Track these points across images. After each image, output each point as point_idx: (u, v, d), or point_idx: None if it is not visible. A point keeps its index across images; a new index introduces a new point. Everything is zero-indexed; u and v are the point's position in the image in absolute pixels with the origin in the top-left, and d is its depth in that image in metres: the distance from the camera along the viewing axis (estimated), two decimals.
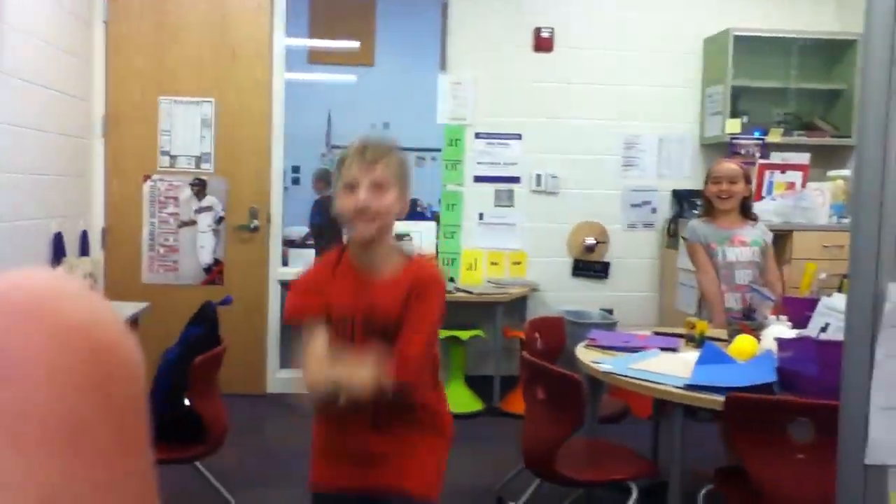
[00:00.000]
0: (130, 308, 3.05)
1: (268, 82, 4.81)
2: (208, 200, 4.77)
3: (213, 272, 4.79)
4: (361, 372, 1.70)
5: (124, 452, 0.25)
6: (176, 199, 4.76)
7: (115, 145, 4.68)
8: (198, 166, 4.77)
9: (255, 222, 4.79)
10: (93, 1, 4.54)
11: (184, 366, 2.74)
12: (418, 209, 7.18)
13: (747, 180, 3.48)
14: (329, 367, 1.75)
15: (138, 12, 4.65)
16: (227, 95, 4.76)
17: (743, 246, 3.43)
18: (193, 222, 4.78)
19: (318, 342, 1.81)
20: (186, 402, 2.76)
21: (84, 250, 4.39)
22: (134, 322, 2.97)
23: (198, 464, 3.03)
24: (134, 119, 4.69)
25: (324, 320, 1.84)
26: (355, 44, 7.03)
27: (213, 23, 4.71)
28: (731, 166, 3.48)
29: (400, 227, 5.03)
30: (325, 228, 6.64)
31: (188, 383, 2.73)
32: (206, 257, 4.79)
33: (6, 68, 3.38)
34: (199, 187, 4.76)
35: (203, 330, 3.01)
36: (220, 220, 4.80)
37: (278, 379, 4.93)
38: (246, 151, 4.79)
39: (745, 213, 3.49)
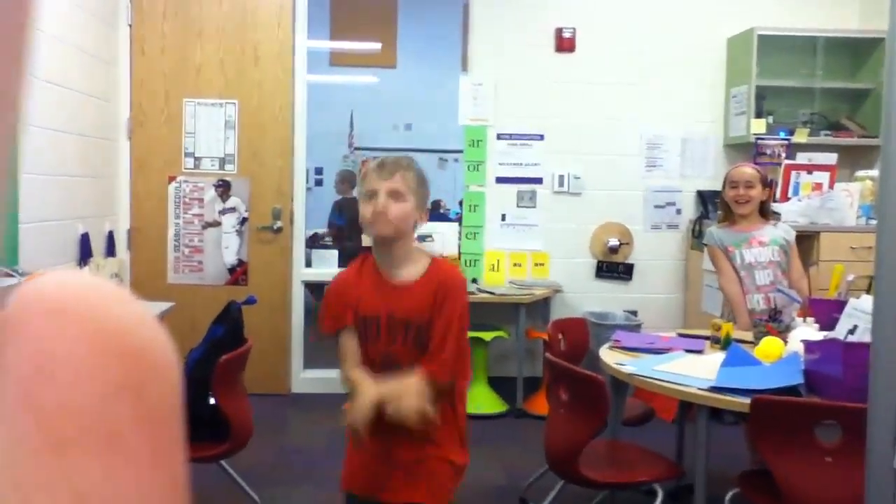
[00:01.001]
0: (155, 308, 3.08)
1: (290, 84, 4.84)
2: (232, 201, 4.81)
3: (238, 272, 4.82)
4: (409, 398, 1.84)
5: (158, 453, 0.25)
6: (201, 200, 4.80)
7: (140, 147, 4.73)
8: (221, 167, 4.80)
9: (279, 223, 4.81)
10: (117, 4, 4.59)
11: (208, 365, 2.76)
12: (441, 210, 7.19)
13: (765, 184, 3.44)
14: (374, 390, 1.88)
15: (161, 15, 4.69)
16: (250, 97, 4.80)
17: (761, 246, 3.39)
18: (218, 223, 4.82)
19: (350, 351, 1.98)
20: (212, 400, 2.79)
21: (110, 251, 4.44)
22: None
23: (223, 462, 3.05)
24: (158, 121, 4.73)
25: (354, 327, 2.00)
26: (377, 45, 7.05)
27: (235, 25, 4.75)
28: (747, 170, 3.45)
29: (426, 227, 5.03)
30: (346, 230, 6.68)
31: (213, 382, 2.75)
32: (231, 258, 4.83)
33: (36, 72, 3.43)
34: (224, 188, 4.80)
35: (227, 329, 3.03)
36: (243, 221, 4.83)
37: (302, 379, 4.95)
38: (269, 153, 4.82)
39: (765, 214, 3.46)
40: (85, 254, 4.01)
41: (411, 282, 1.98)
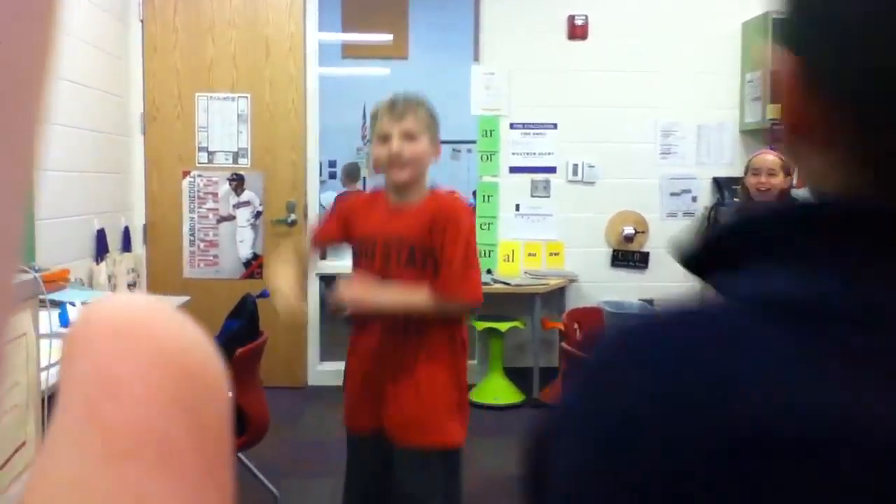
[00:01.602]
0: (172, 302, 3.09)
1: (301, 77, 4.83)
2: (246, 195, 4.82)
3: (253, 266, 4.84)
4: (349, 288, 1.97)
5: (208, 469, 0.27)
6: (215, 194, 4.81)
7: (154, 142, 4.75)
8: (235, 161, 4.82)
9: (293, 216, 4.82)
10: (128, 0, 4.60)
11: (224, 358, 2.77)
12: None
13: (788, 172, 3.40)
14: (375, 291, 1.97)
15: (172, 10, 4.70)
16: (262, 91, 4.80)
17: None
18: (232, 217, 4.83)
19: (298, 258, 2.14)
20: (228, 394, 2.79)
21: (126, 246, 4.47)
22: None
23: (240, 455, 3.07)
24: (172, 116, 4.75)
25: (342, 242, 2.15)
26: (388, 37, 7.03)
27: (246, 19, 4.75)
28: (770, 158, 3.41)
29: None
30: None
31: (229, 376, 2.75)
32: (246, 251, 4.84)
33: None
34: (237, 182, 4.82)
35: (243, 323, 3.04)
36: (258, 215, 4.84)
37: (319, 371, 4.97)
38: (282, 146, 4.83)
39: None
40: (101, 249, 4.04)
41: (411, 210, 2.02)
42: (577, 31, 5.02)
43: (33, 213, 3.21)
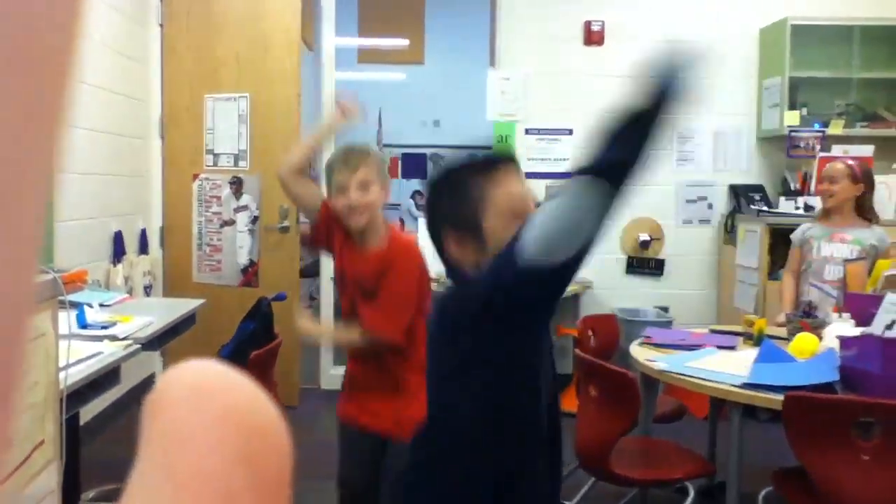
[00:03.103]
0: (185, 306, 3.10)
1: (298, 75, 4.62)
2: (244, 199, 4.65)
3: (248, 274, 4.65)
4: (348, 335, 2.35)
5: None
6: (219, 197, 4.70)
7: (171, 145, 4.75)
8: (236, 164, 4.65)
9: (286, 222, 4.60)
10: (148, 4, 4.64)
11: (239, 361, 2.78)
12: None
13: (855, 179, 3.38)
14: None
15: (186, 13, 4.67)
16: (260, 91, 4.59)
17: (842, 243, 3.34)
18: (233, 222, 4.67)
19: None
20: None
21: (143, 248, 4.49)
22: (191, 319, 3.02)
23: None
24: (185, 118, 4.71)
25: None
26: (404, 41, 7.05)
27: (250, 19, 4.61)
28: (834, 165, 3.47)
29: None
30: None
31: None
32: (244, 258, 4.65)
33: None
34: (237, 186, 4.65)
35: (257, 325, 3.05)
36: (255, 220, 4.65)
37: (332, 374, 4.97)
38: (281, 149, 4.56)
39: (863, 213, 3.41)
40: (118, 251, 4.07)
41: (370, 250, 2.27)
42: (593, 37, 5.01)
43: (52, 215, 3.24)
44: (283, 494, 0.30)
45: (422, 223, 5.61)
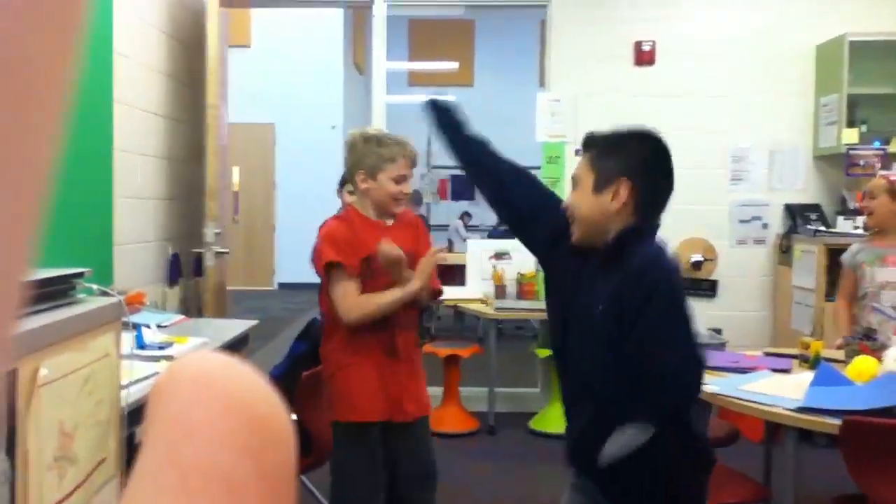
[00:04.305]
0: (240, 326, 3.17)
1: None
2: None
3: None
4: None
5: None
6: None
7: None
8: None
9: None
10: (203, 31, 4.77)
11: (291, 381, 2.83)
12: None
13: (894, 194, 3.27)
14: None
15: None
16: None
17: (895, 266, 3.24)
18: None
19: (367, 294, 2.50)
20: (293, 416, 2.85)
21: (198, 271, 4.60)
22: (245, 339, 3.09)
23: (303, 477, 3.11)
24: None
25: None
26: (454, 64, 7.12)
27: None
28: (874, 181, 3.35)
29: (503, 244, 5.05)
30: None
31: (295, 398, 2.81)
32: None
33: (127, 99, 3.61)
34: None
35: (309, 346, 3.10)
36: None
37: None
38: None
39: None
40: (174, 273, 4.18)
41: (384, 224, 2.50)
42: (643, 57, 4.99)
43: (112, 237, 3.35)
44: (288, 485, 0.30)
45: (472, 244, 5.63)
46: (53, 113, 0.27)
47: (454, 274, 5.96)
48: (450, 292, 4.71)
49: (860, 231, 4.39)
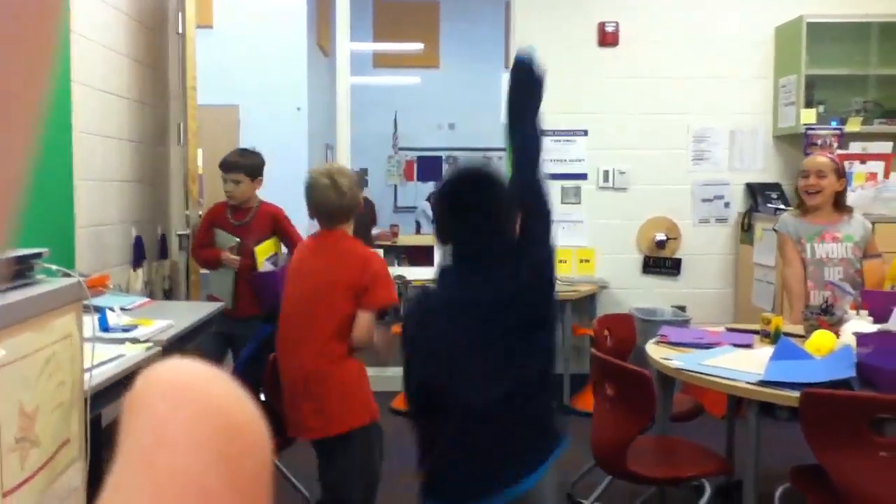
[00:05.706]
0: (205, 309, 3.14)
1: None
2: None
3: None
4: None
5: None
6: None
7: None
8: None
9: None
10: (166, 13, 4.69)
11: (259, 363, 2.82)
12: None
13: (839, 174, 3.34)
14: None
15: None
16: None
17: (834, 242, 3.31)
18: None
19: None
20: (262, 397, 2.84)
21: (163, 253, 4.55)
22: (210, 322, 3.06)
23: (276, 462, 3.10)
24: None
25: None
26: (419, 46, 7.08)
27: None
28: (819, 160, 3.38)
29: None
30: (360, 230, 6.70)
31: (263, 379, 2.80)
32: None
33: (85, 80, 3.53)
34: None
35: (275, 327, 3.08)
36: None
37: None
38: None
39: (840, 206, 3.36)
40: (139, 256, 4.12)
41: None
42: (607, 38, 5.02)
43: (73, 220, 3.29)
44: (263, 493, 0.30)
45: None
46: (28, 104, 0.27)
47: (423, 254, 5.96)
48: (419, 273, 4.71)
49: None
